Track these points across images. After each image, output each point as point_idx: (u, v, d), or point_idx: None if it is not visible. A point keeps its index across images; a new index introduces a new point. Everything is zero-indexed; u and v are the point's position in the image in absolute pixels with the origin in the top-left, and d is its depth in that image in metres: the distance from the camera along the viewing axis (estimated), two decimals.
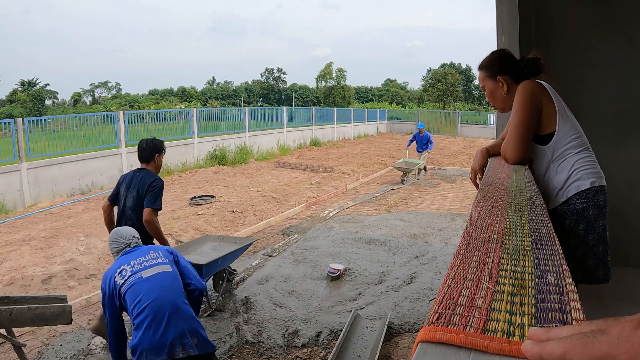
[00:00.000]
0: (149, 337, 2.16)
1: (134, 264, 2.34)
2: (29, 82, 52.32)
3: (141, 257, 2.38)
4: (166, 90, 61.59)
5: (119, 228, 2.61)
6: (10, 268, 5.17)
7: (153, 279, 2.29)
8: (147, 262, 2.35)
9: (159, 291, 2.24)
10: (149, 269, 2.32)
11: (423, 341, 0.44)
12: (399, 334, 3.67)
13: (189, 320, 2.27)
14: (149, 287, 2.25)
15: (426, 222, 7.28)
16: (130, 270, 2.32)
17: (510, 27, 2.91)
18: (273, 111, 18.61)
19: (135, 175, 3.57)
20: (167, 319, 2.19)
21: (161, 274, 2.32)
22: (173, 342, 2.18)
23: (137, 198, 3.39)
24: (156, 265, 2.35)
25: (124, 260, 2.38)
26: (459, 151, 17.97)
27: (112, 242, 2.54)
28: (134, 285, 2.26)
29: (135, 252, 2.46)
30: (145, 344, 2.15)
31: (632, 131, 2.87)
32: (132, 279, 2.28)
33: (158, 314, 2.19)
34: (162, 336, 2.16)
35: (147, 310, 2.19)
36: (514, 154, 1.68)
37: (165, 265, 2.37)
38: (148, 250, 2.45)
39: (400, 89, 66.44)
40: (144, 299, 2.21)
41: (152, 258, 2.38)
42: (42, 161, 9.18)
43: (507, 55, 1.85)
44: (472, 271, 0.60)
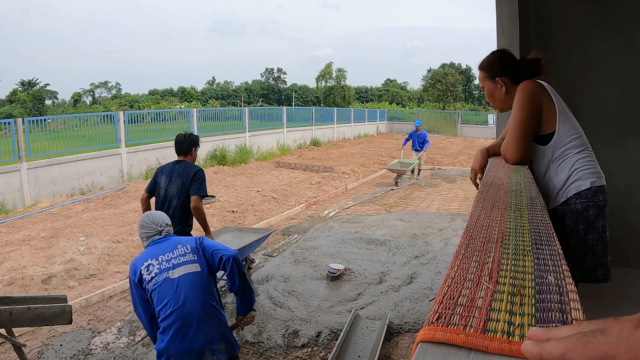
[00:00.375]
0: (176, 344, 2.11)
1: (161, 260, 2.24)
2: (29, 82, 52.33)
3: (169, 252, 2.27)
4: (166, 90, 61.60)
5: (152, 212, 2.48)
6: (10, 268, 5.17)
7: (180, 280, 2.19)
8: (174, 259, 2.25)
9: (186, 295, 2.16)
10: (177, 268, 2.22)
11: (423, 341, 0.44)
12: (399, 334, 3.67)
13: (218, 325, 2.21)
14: (176, 290, 2.16)
15: (426, 222, 7.28)
16: (157, 267, 2.23)
17: (510, 27, 2.91)
18: (273, 111, 18.61)
19: (175, 167, 3.78)
20: (195, 325, 2.13)
21: (189, 276, 2.22)
22: (202, 348, 2.13)
23: (182, 187, 3.64)
24: (184, 265, 2.24)
25: (152, 253, 2.28)
26: (459, 151, 17.98)
27: (143, 226, 2.41)
28: (161, 287, 2.18)
29: (164, 243, 2.34)
30: (172, 350, 2.11)
31: (632, 131, 2.87)
32: (159, 279, 2.19)
33: (186, 320, 2.12)
34: (190, 343, 2.11)
35: (174, 316, 2.12)
36: (514, 154, 1.68)
37: (193, 264, 2.26)
38: (176, 243, 2.33)
39: (400, 89, 66.46)
40: (170, 303, 2.14)
41: (180, 255, 2.27)
42: (42, 161, 9.18)
43: (507, 55, 1.85)
44: (472, 271, 0.60)
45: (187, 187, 3.63)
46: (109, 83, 65.20)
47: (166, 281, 2.18)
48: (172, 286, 2.17)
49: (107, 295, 4.50)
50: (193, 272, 2.23)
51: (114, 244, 6.02)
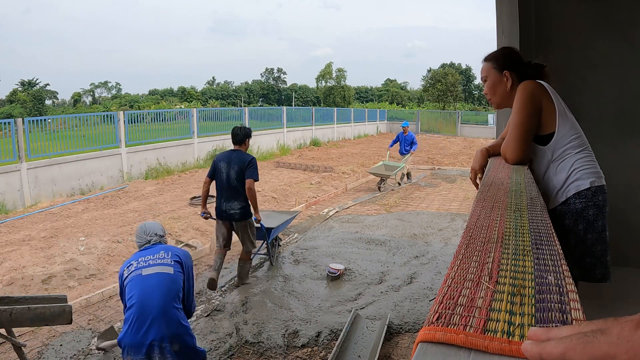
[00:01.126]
0: (131, 334, 2.22)
1: (140, 261, 2.40)
2: (29, 82, 52.33)
3: (150, 255, 2.43)
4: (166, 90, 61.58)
5: (145, 224, 2.68)
6: (10, 268, 5.17)
7: (149, 277, 2.32)
8: (152, 260, 2.39)
9: (151, 291, 2.27)
10: (150, 267, 2.36)
11: (423, 341, 0.44)
12: (399, 334, 3.67)
13: (174, 325, 2.28)
14: (142, 285, 2.30)
15: (426, 222, 7.28)
16: (135, 265, 2.39)
17: (510, 27, 2.91)
18: (273, 111, 18.62)
19: (232, 155, 4.53)
20: (150, 320, 2.22)
21: (159, 275, 2.34)
22: (152, 343, 2.21)
23: (239, 171, 4.42)
24: (158, 265, 2.37)
25: (137, 256, 2.46)
26: (459, 151, 17.98)
27: (136, 236, 2.64)
28: (132, 281, 2.32)
29: (149, 249, 2.51)
30: (127, 340, 2.23)
31: (632, 131, 2.87)
32: (133, 275, 2.34)
33: (143, 313, 2.23)
34: (142, 336, 2.21)
35: (134, 308, 2.25)
36: (514, 154, 1.68)
37: (166, 267, 2.38)
38: (160, 249, 2.49)
39: (400, 89, 66.44)
40: (134, 296, 2.27)
41: (158, 258, 2.42)
42: (42, 161, 9.18)
43: (516, 53, 1.86)
44: (472, 271, 0.60)
45: (243, 172, 4.40)
46: (109, 83, 65.21)
47: (137, 277, 2.33)
48: (140, 281, 2.31)
49: (107, 295, 4.50)
50: (164, 272, 2.35)
51: (114, 244, 6.02)
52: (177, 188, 9.99)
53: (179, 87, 61.57)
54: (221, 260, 4.59)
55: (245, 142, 4.64)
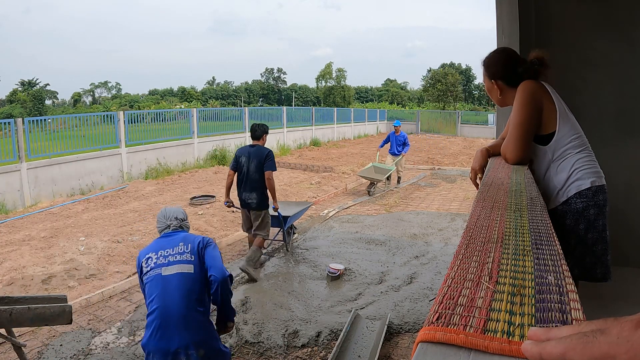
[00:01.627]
0: (155, 342, 2.17)
1: (160, 255, 2.31)
2: (29, 82, 52.33)
3: (169, 247, 2.34)
4: (166, 90, 61.58)
5: (166, 208, 2.60)
6: (10, 268, 5.17)
7: (170, 279, 2.24)
8: (172, 256, 2.31)
9: (172, 295, 2.20)
10: (171, 266, 2.28)
11: (423, 341, 0.44)
12: (399, 334, 3.67)
13: (198, 331, 2.23)
14: (163, 288, 2.22)
15: (426, 222, 7.28)
16: (155, 260, 2.30)
17: (510, 27, 2.91)
18: (273, 111, 18.62)
19: (251, 149, 4.97)
20: (173, 327, 2.17)
21: (180, 276, 2.25)
22: (177, 350, 2.17)
23: (258, 164, 4.85)
24: (178, 264, 2.29)
25: (156, 246, 2.37)
26: (459, 151, 17.98)
27: (157, 220, 2.55)
28: (152, 281, 2.25)
29: (170, 237, 2.41)
30: (152, 347, 2.18)
31: (632, 131, 2.87)
32: (152, 273, 2.27)
33: (166, 320, 2.17)
34: (166, 343, 2.16)
35: (157, 314, 2.18)
36: (514, 154, 1.68)
37: (187, 265, 2.29)
38: (179, 240, 2.38)
39: (400, 89, 66.43)
40: (155, 300, 2.21)
41: (178, 252, 2.33)
42: (42, 161, 9.18)
43: (506, 58, 1.83)
44: (472, 271, 0.60)
45: (262, 164, 4.84)
46: (109, 83, 65.22)
47: (157, 277, 2.25)
48: (161, 283, 2.24)
49: (107, 295, 4.50)
50: (185, 272, 2.27)
51: (114, 244, 6.02)
52: (177, 188, 9.99)
53: (179, 87, 61.58)
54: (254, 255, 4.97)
55: (263, 137, 5.09)
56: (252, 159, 4.89)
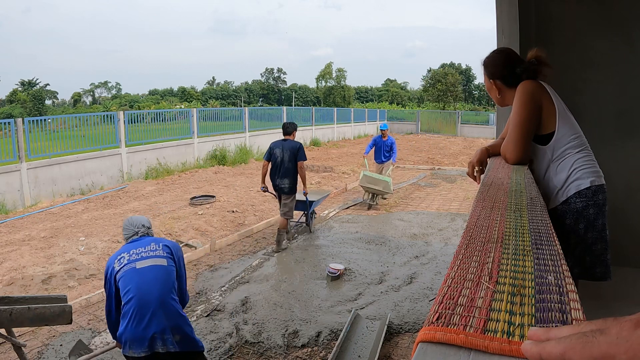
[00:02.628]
0: (132, 329, 2.23)
1: (132, 253, 2.40)
2: (29, 82, 52.33)
3: (141, 247, 2.43)
4: (166, 90, 61.57)
5: (132, 217, 2.70)
6: (10, 268, 5.17)
7: (145, 271, 2.33)
8: (144, 252, 2.40)
9: (148, 284, 2.29)
10: (144, 260, 2.37)
11: (423, 341, 0.44)
12: (399, 334, 3.68)
13: (174, 316, 2.31)
14: (139, 279, 2.30)
15: (426, 222, 7.28)
16: (127, 258, 2.38)
17: (510, 27, 2.91)
18: (273, 111, 18.61)
19: (284, 143, 5.81)
20: (150, 313, 2.24)
21: (154, 267, 2.35)
22: (154, 335, 2.23)
23: (291, 155, 5.68)
24: (151, 258, 2.38)
25: (126, 248, 2.45)
26: (459, 151, 17.97)
27: (124, 228, 2.63)
28: (126, 275, 2.33)
29: (139, 241, 2.50)
30: (128, 335, 2.24)
31: (632, 131, 2.87)
32: (126, 268, 2.34)
33: (143, 307, 2.24)
34: (144, 329, 2.22)
35: (133, 302, 2.25)
36: (514, 154, 1.69)
37: (160, 259, 2.40)
38: (150, 241, 2.49)
39: (400, 89, 66.42)
40: (131, 290, 2.28)
41: (150, 250, 2.42)
42: (42, 161, 9.18)
43: (504, 58, 1.83)
44: (472, 271, 0.60)
45: (294, 155, 5.68)
46: (109, 83, 65.19)
47: (132, 270, 2.33)
48: (136, 275, 2.31)
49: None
50: (159, 265, 2.36)
51: (114, 244, 6.02)
52: (177, 188, 9.99)
53: (179, 87, 61.56)
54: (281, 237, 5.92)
55: (293, 133, 5.92)
56: (285, 151, 5.70)
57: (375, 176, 8.33)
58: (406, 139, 22.36)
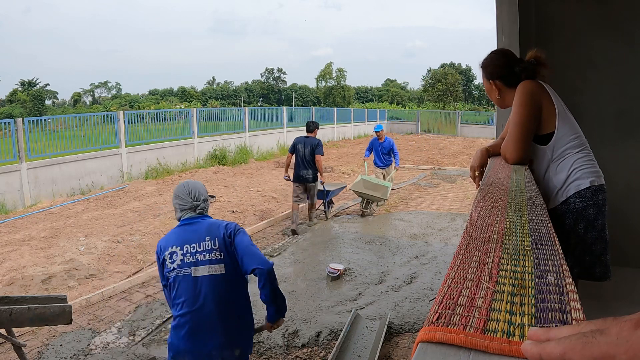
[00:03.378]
0: (187, 344, 2.09)
1: (186, 252, 2.12)
2: (29, 82, 52.34)
3: (195, 242, 2.13)
4: (166, 90, 61.61)
5: (188, 183, 2.31)
6: (10, 268, 5.17)
7: (201, 281, 2.10)
8: (199, 254, 2.12)
9: (205, 298, 2.09)
10: (200, 266, 2.11)
11: (423, 341, 0.44)
12: (399, 334, 3.67)
13: (234, 332, 2.17)
14: (195, 290, 2.09)
15: (426, 222, 7.28)
16: (181, 258, 2.11)
17: (510, 27, 2.91)
18: (273, 111, 18.61)
19: (306, 139, 6.75)
20: (208, 330, 2.09)
21: (211, 278, 2.11)
22: (211, 353, 2.10)
23: (311, 150, 6.61)
24: (208, 264, 2.12)
25: (179, 239, 2.15)
26: (459, 151, 17.97)
27: (177, 196, 2.26)
28: (181, 282, 2.11)
29: (193, 227, 2.18)
30: (182, 348, 2.10)
31: (632, 131, 2.87)
32: (180, 273, 2.10)
33: (199, 323, 2.08)
34: (201, 346, 2.09)
35: (189, 317, 2.08)
36: (514, 154, 1.69)
37: (218, 265, 2.14)
38: (205, 234, 2.15)
39: (400, 89, 66.44)
40: (187, 303, 2.09)
41: (206, 250, 2.13)
42: (42, 161, 9.18)
43: (502, 59, 1.83)
44: (472, 271, 0.60)
45: (314, 150, 6.60)
46: (109, 83, 65.24)
47: (187, 278, 2.10)
48: (192, 285, 2.09)
49: (107, 295, 4.50)
50: (216, 274, 2.12)
51: (114, 244, 6.02)
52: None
53: (179, 87, 61.60)
54: (297, 214, 6.67)
55: (314, 131, 6.84)
56: (306, 146, 6.65)
57: (375, 181, 7.88)
58: (406, 139, 22.35)
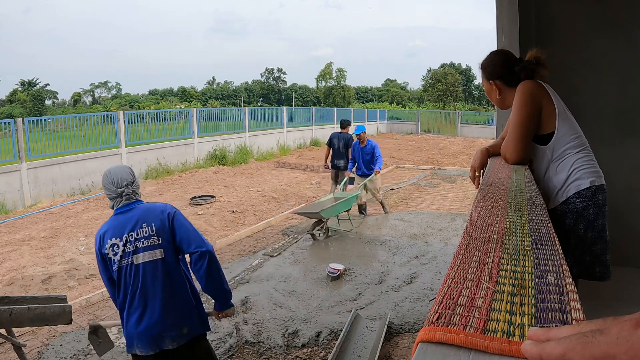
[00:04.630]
0: (139, 330, 2.16)
1: (126, 241, 2.19)
2: (29, 82, 52.35)
3: (132, 231, 2.19)
4: (166, 90, 61.62)
5: (110, 170, 2.33)
6: (10, 268, 5.17)
7: (143, 267, 2.18)
8: (138, 242, 2.19)
9: (148, 283, 2.17)
10: (140, 253, 2.19)
11: (423, 341, 0.44)
12: (399, 334, 3.67)
13: (180, 312, 2.23)
14: (138, 277, 2.17)
15: (426, 222, 7.28)
16: (122, 248, 2.19)
17: (510, 27, 2.91)
18: (273, 111, 18.61)
19: (340, 134, 7.99)
20: (157, 313, 2.16)
21: (152, 263, 2.19)
22: (162, 334, 2.16)
23: (345, 143, 7.79)
24: (148, 250, 2.20)
25: (116, 229, 2.20)
26: (459, 151, 17.97)
27: (104, 186, 2.30)
28: (125, 272, 2.18)
29: (128, 215, 2.23)
30: (135, 335, 2.17)
31: (632, 131, 2.87)
32: (123, 263, 2.18)
33: (147, 308, 2.16)
34: (150, 329, 2.15)
35: (136, 303, 2.16)
36: (514, 154, 1.69)
37: (157, 250, 2.21)
38: (141, 221, 2.21)
39: (400, 89, 66.44)
40: (133, 290, 2.17)
41: (144, 237, 2.20)
42: (42, 161, 9.18)
43: (502, 58, 1.84)
44: (472, 271, 0.60)
45: (347, 144, 7.80)
46: (109, 83, 65.25)
47: (130, 267, 2.18)
48: (135, 273, 2.17)
49: (107, 295, 4.50)
50: (157, 259, 2.20)
51: None
52: (177, 188, 9.99)
53: (179, 87, 61.61)
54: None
55: (347, 127, 8.11)
56: (340, 140, 7.88)
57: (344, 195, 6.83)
58: (406, 139, 22.36)
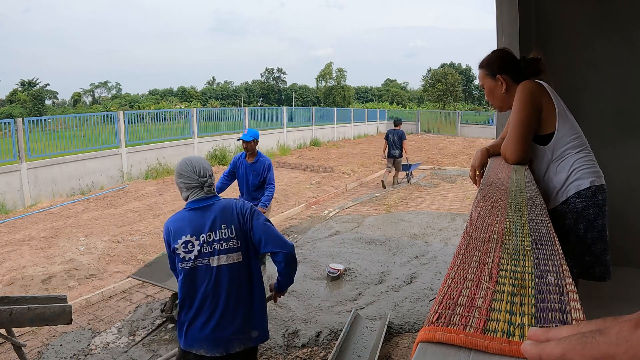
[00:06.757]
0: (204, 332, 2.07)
1: (202, 241, 2.05)
2: (29, 82, 52.37)
3: (210, 231, 2.06)
4: (166, 90, 61.63)
5: (191, 159, 2.21)
6: (10, 268, 5.17)
7: (219, 270, 2.07)
8: (217, 243, 2.07)
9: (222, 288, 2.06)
10: (218, 256, 2.07)
11: (423, 341, 0.44)
12: (399, 334, 3.67)
13: (251, 316, 2.15)
14: (212, 280, 2.06)
15: (426, 222, 7.28)
16: (197, 248, 2.05)
17: (510, 27, 2.91)
18: (273, 111, 18.61)
19: (394, 131, 10.14)
20: (227, 316, 2.07)
21: (229, 267, 2.07)
22: (231, 337, 2.08)
23: (399, 137, 10.06)
24: (226, 253, 2.08)
25: (191, 226, 2.07)
26: (459, 151, 17.97)
27: (181, 175, 2.16)
28: (199, 272, 2.07)
29: (206, 213, 2.10)
30: (200, 336, 2.08)
31: (632, 131, 2.87)
32: (197, 263, 2.06)
33: (219, 311, 2.06)
34: (220, 332, 2.07)
35: (207, 305, 2.06)
36: (514, 154, 1.69)
37: (236, 254, 2.10)
38: (219, 219, 2.09)
39: (400, 89, 66.46)
40: (204, 292, 2.05)
41: (223, 239, 2.07)
42: (42, 161, 9.18)
43: (508, 54, 1.85)
44: (472, 271, 0.60)
45: (400, 138, 10.02)
46: (109, 83, 65.29)
47: (205, 268, 2.06)
48: (209, 275, 2.06)
49: (107, 295, 4.50)
50: (234, 262, 2.09)
51: (114, 244, 6.02)
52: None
53: (179, 87, 61.63)
54: (386, 177, 10.43)
55: (399, 125, 10.26)
56: (395, 135, 10.06)
57: None
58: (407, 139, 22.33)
